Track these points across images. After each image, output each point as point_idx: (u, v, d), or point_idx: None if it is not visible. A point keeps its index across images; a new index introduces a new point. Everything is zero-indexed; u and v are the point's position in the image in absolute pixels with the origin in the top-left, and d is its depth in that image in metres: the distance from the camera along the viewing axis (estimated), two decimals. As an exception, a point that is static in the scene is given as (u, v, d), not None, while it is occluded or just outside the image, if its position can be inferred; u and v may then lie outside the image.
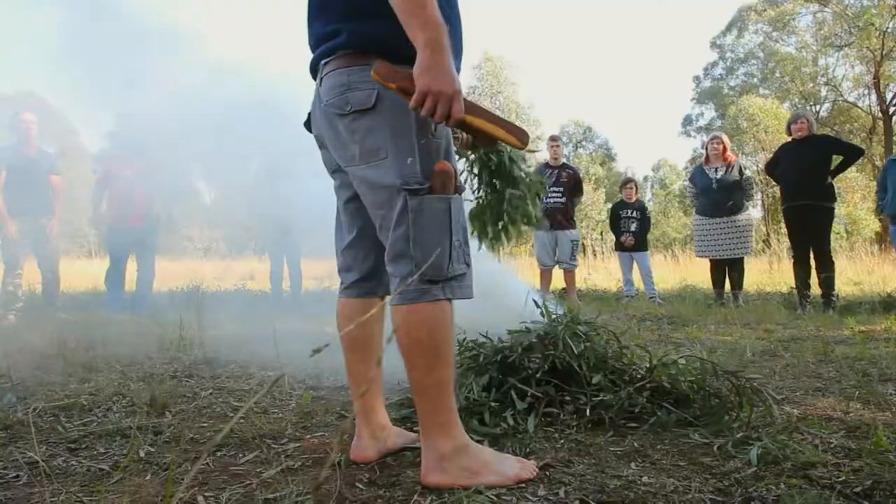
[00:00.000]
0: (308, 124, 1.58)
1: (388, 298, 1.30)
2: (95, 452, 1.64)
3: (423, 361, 1.34)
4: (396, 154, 1.34)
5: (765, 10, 27.05)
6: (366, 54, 1.35)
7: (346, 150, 1.41)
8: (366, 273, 1.56)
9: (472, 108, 1.31)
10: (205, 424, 1.92)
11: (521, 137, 1.37)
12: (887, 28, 22.76)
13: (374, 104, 1.35)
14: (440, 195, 1.34)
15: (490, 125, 1.33)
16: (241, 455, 1.60)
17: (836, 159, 5.44)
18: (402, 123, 1.35)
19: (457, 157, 1.54)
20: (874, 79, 24.01)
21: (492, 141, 1.35)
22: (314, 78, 1.52)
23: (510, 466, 1.38)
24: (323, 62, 1.44)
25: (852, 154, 5.50)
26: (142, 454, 1.61)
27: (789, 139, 5.62)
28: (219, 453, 1.62)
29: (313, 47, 1.48)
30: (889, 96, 24.37)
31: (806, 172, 5.32)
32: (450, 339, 1.37)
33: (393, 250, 1.36)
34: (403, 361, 1.37)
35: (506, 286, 3.01)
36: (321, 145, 1.56)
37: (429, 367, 1.34)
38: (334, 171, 1.57)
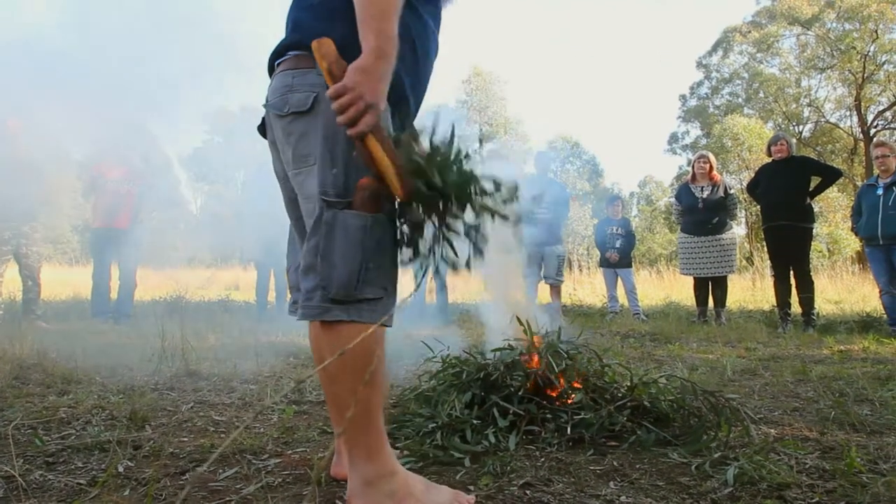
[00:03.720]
0: (262, 129, 1.54)
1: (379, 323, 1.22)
2: (73, 467, 1.62)
3: (344, 382, 1.27)
4: (323, 162, 1.28)
5: (749, 31, 27.57)
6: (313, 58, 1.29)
7: (283, 153, 1.38)
8: None
9: (379, 132, 1.20)
10: (185, 439, 1.91)
11: (406, 187, 1.19)
12: (868, 52, 23.31)
13: (311, 107, 1.30)
14: (358, 212, 1.26)
15: (383, 156, 1.19)
16: (220, 471, 1.59)
17: (816, 180, 5.55)
18: (336, 131, 1.26)
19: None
20: (855, 101, 24.55)
21: (377, 173, 1.21)
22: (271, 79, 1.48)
23: (441, 497, 1.33)
24: (277, 62, 1.41)
25: (830, 175, 5.62)
26: (120, 469, 1.59)
27: (769, 160, 5.74)
28: (198, 469, 1.61)
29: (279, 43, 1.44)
30: (870, 118, 24.90)
31: (785, 193, 5.43)
32: (373, 362, 1.28)
33: (304, 261, 1.30)
34: (321, 379, 1.33)
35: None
36: (274, 155, 1.51)
37: (350, 389, 1.26)
38: (283, 180, 1.49)
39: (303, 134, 1.31)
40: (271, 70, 1.45)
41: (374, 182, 1.23)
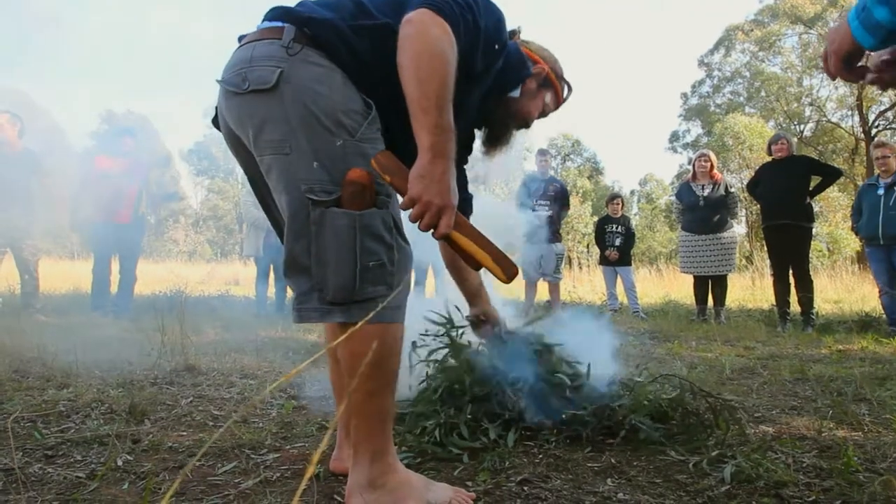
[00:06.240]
0: (217, 121, 1.40)
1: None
2: (72, 460, 1.63)
3: (364, 385, 1.21)
4: (300, 155, 1.17)
5: (751, 30, 27.53)
6: (282, 29, 1.21)
7: (243, 133, 1.25)
8: None
9: (463, 225, 1.23)
10: (184, 433, 1.91)
11: (508, 271, 1.25)
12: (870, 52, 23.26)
13: (276, 84, 1.16)
14: (346, 210, 1.17)
15: (476, 248, 1.23)
16: (219, 465, 1.60)
17: (816, 180, 5.55)
18: (309, 115, 1.16)
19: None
20: (857, 100, 24.52)
21: (476, 264, 1.26)
22: None
23: (440, 494, 1.31)
24: (240, 37, 1.31)
25: (830, 175, 5.62)
26: (119, 463, 1.60)
27: (770, 159, 5.74)
28: (197, 463, 1.62)
29: None
30: (871, 118, 24.87)
31: (785, 192, 5.43)
32: (395, 363, 1.25)
33: (294, 262, 1.21)
34: (345, 380, 1.30)
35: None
36: (230, 145, 1.39)
37: (370, 392, 1.22)
38: (250, 178, 1.39)
39: (266, 118, 1.19)
40: None
41: (363, 174, 1.18)
